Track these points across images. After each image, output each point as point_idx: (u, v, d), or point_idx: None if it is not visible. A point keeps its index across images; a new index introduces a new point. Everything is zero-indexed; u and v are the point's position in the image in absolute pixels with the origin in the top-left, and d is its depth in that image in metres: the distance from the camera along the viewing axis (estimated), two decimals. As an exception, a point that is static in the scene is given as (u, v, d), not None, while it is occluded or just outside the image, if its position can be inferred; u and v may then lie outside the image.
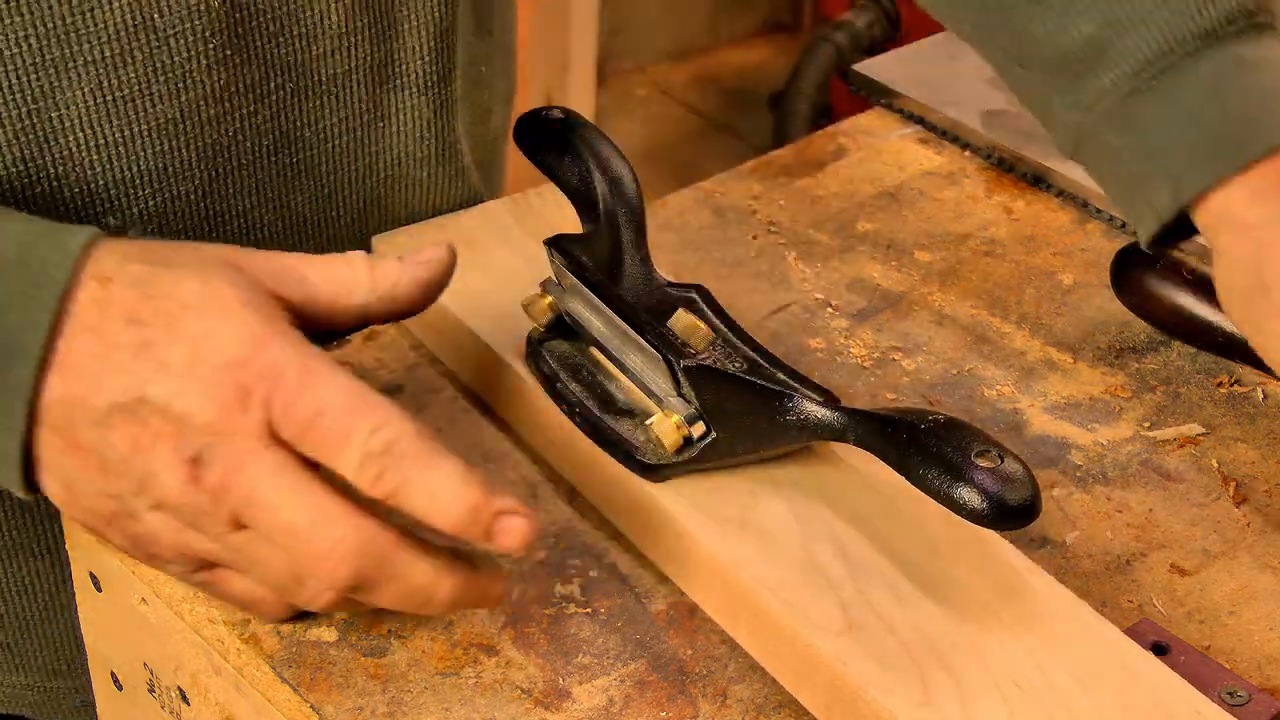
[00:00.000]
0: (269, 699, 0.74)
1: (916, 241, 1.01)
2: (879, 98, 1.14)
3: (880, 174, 1.07)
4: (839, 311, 0.96)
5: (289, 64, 0.87)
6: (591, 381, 0.81)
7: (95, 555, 0.81)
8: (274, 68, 0.87)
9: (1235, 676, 0.74)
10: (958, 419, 0.72)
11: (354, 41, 0.89)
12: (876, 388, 0.90)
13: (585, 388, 0.81)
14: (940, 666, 0.70)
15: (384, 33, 0.91)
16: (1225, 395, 0.91)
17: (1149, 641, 0.75)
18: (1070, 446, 0.87)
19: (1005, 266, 1.00)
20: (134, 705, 0.85)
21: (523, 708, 0.72)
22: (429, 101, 0.94)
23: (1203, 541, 0.83)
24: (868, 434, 0.74)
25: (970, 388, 0.91)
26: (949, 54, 1.16)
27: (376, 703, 0.72)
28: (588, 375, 0.82)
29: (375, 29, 0.90)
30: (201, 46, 0.83)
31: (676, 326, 0.79)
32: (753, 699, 0.73)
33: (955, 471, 0.69)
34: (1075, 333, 0.95)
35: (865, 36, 2.60)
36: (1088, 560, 0.81)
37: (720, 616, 0.76)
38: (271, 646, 0.74)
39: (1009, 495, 0.69)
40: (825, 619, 0.72)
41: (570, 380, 0.81)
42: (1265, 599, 0.80)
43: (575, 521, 0.81)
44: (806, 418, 0.76)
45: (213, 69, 0.84)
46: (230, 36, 0.84)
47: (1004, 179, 1.07)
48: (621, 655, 0.75)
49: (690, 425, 0.77)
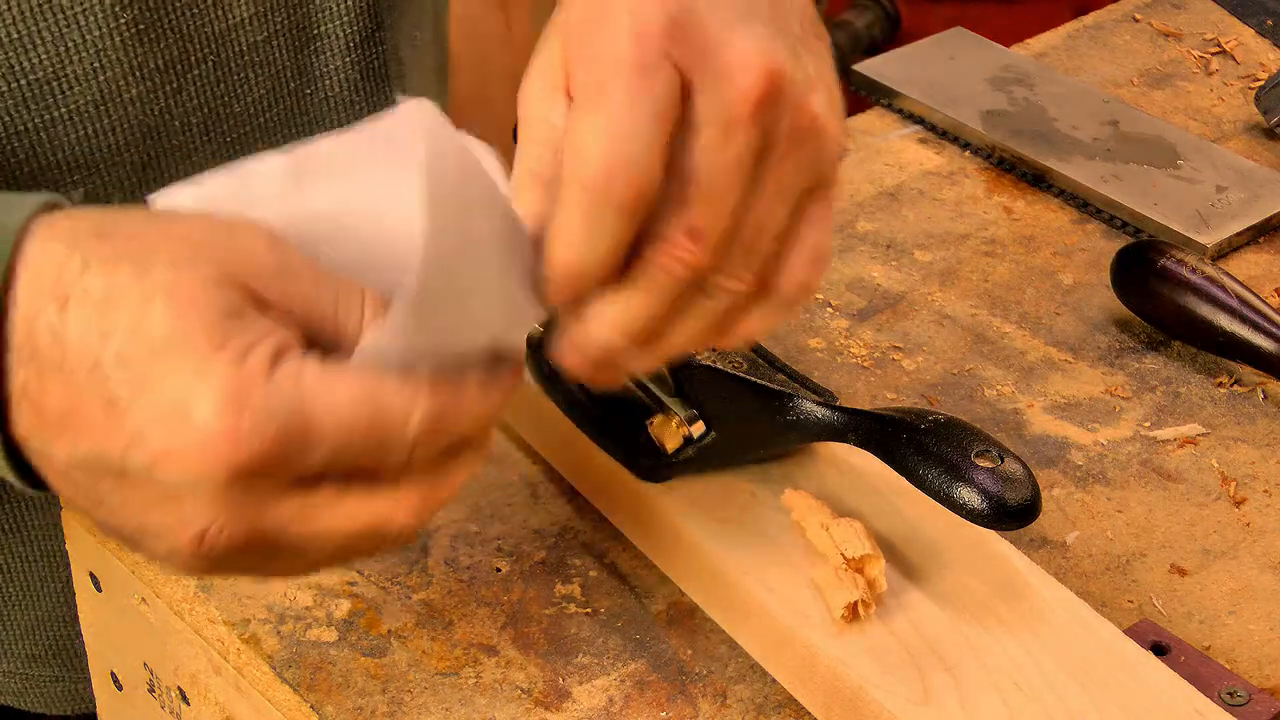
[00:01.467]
0: (269, 699, 0.74)
1: (916, 241, 1.01)
2: (879, 98, 1.14)
3: (880, 174, 1.07)
4: (839, 311, 0.96)
5: (207, 35, 0.85)
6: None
7: (95, 555, 0.81)
8: (192, 41, 0.84)
9: (1235, 676, 0.74)
10: (958, 419, 0.72)
11: (270, 4, 0.86)
12: (876, 388, 0.90)
13: (585, 388, 0.81)
14: (940, 666, 0.70)
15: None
16: (1225, 395, 0.91)
17: (1149, 641, 0.75)
18: (1070, 446, 0.87)
19: (1005, 266, 1.00)
20: (134, 705, 0.85)
21: (523, 708, 0.72)
22: (355, 63, 0.91)
23: (1203, 541, 0.83)
24: (868, 434, 0.74)
25: (970, 388, 0.91)
26: (949, 54, 1.16)
27: (376, 703, 0.72)
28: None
29: None
30: (113, 23, 0.80)
31: None
32: (753, 699, 0.73)
33: (955, 471, 0.69)
34: (1075, 333, 0.95)
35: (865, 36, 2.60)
36: (1088, 560, 0.81)
37: (720, 616, 0.76)
38: (271, 646, 0.74)
39: (1009, 495, 0.69)
40: (825, 619, 0.72)
41: (570, 381, 0.81)
42: (1265, 599, 0.80)
43: (575, 521, 0.81)
44: (807, 418, 0.76)
45: (128, 45, 0.81)
46: (142, 11, 0.81)
47: (1004, 179, 1.07)
48: (621, 655, 0.75)
49: (690, 425, 0.77)
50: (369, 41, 0.91)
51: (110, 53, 0.81)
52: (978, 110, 1.10)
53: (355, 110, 0.93)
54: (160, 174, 0.85)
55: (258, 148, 0.85)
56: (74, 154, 0.82)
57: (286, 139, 0.89)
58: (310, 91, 0.91)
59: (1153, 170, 1.05)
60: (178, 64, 0.84)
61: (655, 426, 0.77)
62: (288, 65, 0.89)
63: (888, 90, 1.13)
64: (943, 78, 1.13)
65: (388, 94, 0.94)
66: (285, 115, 0.90)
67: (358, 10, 0.90)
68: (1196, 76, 1.17)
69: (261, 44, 0.87)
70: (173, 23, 0.83)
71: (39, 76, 0.79)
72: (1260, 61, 1.18)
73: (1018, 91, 1.12)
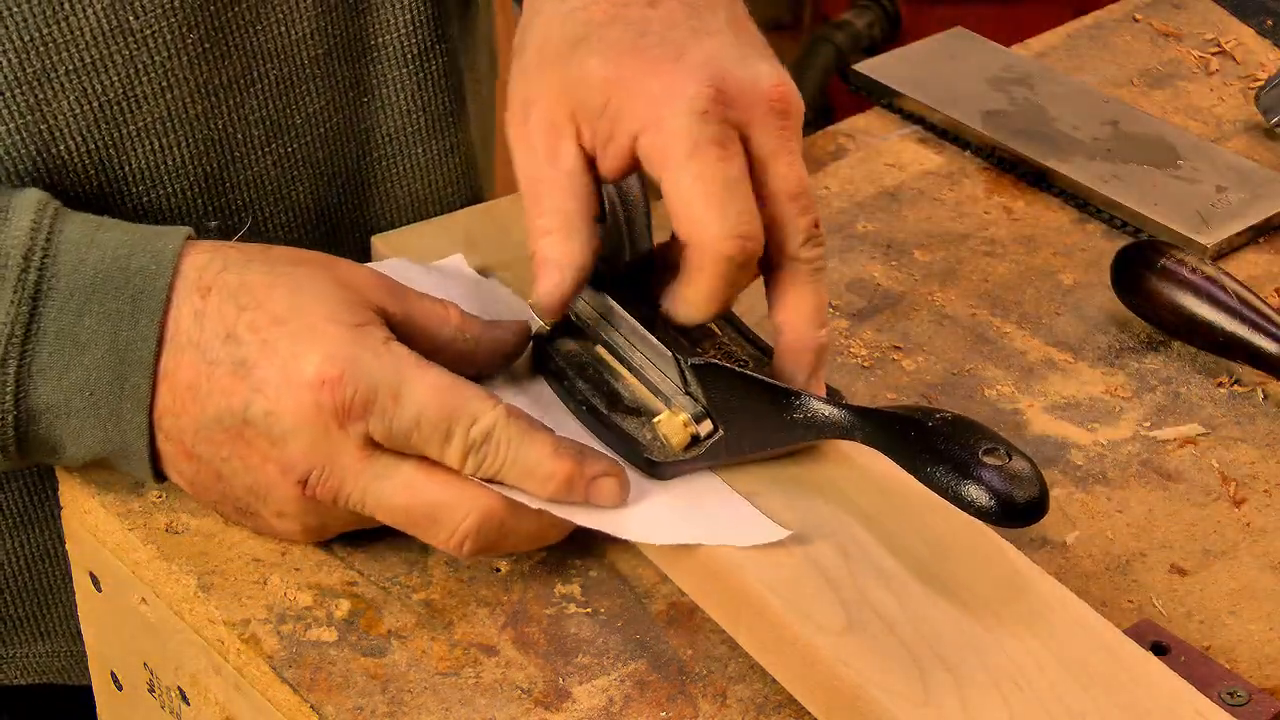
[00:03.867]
0: (269, 699, 0.74)
1: (916, 241, 1.01)
2: (879, 98, 1.14)
3: (880, 174, 1.07)
4: (839, 311, 0.96)
5: (269, 51, 0.88)
6: (598, 379, 0.81)
7: (95, 555, 0.81)
8: (256, 57, 0.87)
9: (1235, 676, 0.74)
10: (965, 417, 0.72)
11: (330, 20, 0.90)
12: (877, 388, 0.90)
13: (592, 386, 0.81)
14: (940, 666, 0.70)
15: (357, 6, 0.91)
16: (1225, 395, 0.91)
17: (1149, 641, 0.75)
18: (1070, 446, 0.87)
19: (1005, 266, 1.00)
20: (134, 705, 0.85)
21: (523, 708, 0.72)
22: (411, 74, 0.94)
23: (1203, 541, 0.83)
24: (875, 432, 0.74)
25: (970, 388, 0.91)
26: (949, 54, 1.16)
27: (376, 703, 0.72)
28: (595, 373, 0.82)
29: (348, 4, 0.91)
30: (180, 44, 0.84)
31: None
32: (753, 699, 0.73)
33: (963, 469, 0.69)
34: (1075, 333, 0.95)
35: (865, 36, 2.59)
36: (1088, 560, 0.81)
37: (720, 616, 0.76)
38: (271, 646, 0.74)
39: (1016, 493, 0.69)
40: (825, 619, 0.72)
41: (577, 378, 0.81)
42: (1265, 599, 0.80)
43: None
44: (814, 416, 0.76)
45: (195, 65, 0.85)
46: (208, 30, 0.84)
47: (1004, 179, 1.07)
48: (621, 655, 0.75)
49: (697, 423, 0.77)
50: (429, 53, 0.95)
51: (177, 72, 0.84)
52: (978, 110, 1.10)
53: (413, 118, 0.96)
54: (224, 185, 0.89)
55: (319, 157, 0.89)
56: (142, 168, 0.85)
57: (346, 147, 0.94)
58: (367, 100, 0.94)
59: (1153, 170, 1.05)
60: (240, 79, 0.88)
61: (662, 423, 0.77)
62: (345, 77, 0.92)
63: (888, 90, 1.13)
64: (943, 78, 1.13)
65: (446, 103, 0.97)
66: (344, 124, 0.94)
67: (417, 23, 0.94)
68: (1196, 76, 1.17)
69: (321, 57, 0.91)
70: (236, 41, 0.86)
71: (110, 97, 0.83)
72: (1260, 61, 1.18)
73: (1018, 91, 1.12)
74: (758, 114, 0.76)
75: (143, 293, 0.75)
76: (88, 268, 0.75)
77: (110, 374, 0.75)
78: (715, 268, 0.74)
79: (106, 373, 0.75)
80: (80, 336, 0.74)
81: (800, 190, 0.76)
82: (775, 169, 0.76)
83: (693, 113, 0.74)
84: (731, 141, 0.75)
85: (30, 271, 0.74)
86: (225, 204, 0.89)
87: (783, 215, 0.76)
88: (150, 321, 0.74)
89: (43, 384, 0.75)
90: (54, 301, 0.75)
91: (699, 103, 0.74)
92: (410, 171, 0.97)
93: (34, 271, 0.75)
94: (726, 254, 0.74)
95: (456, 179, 0.99)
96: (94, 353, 0.75)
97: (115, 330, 0.74)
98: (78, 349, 0.74)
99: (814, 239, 0.77)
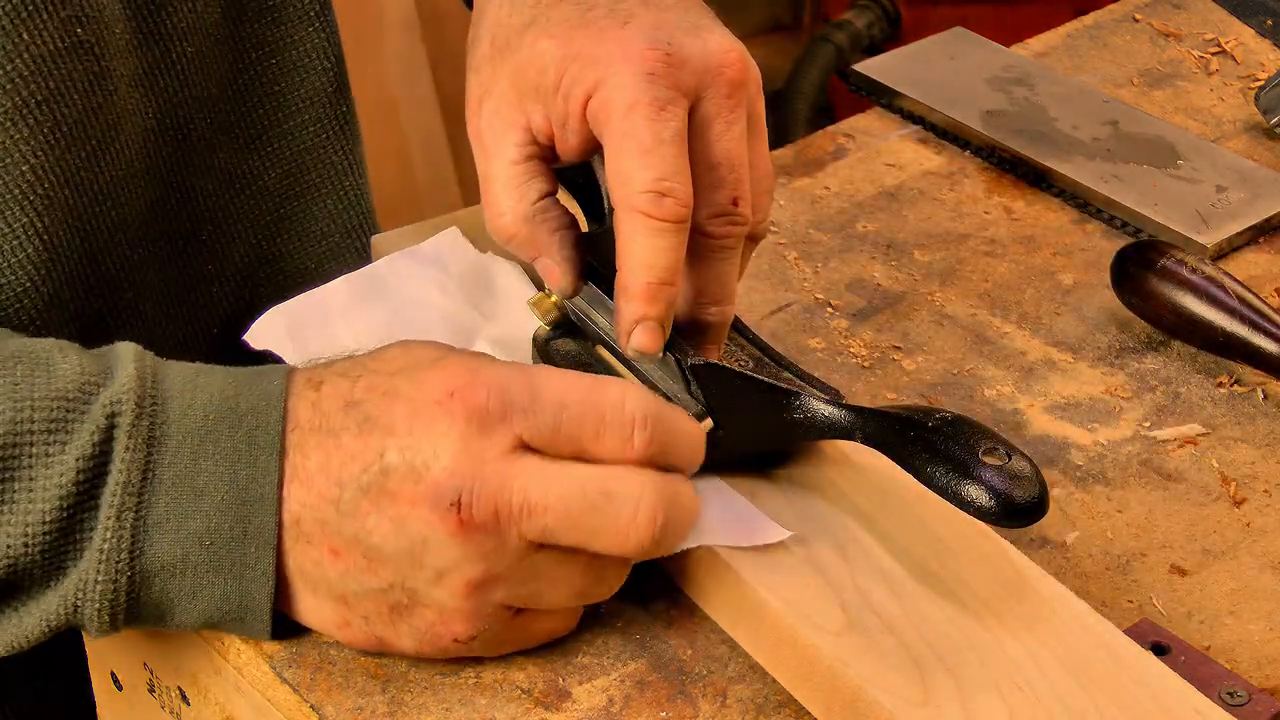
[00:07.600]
0: (269, 699, 0.74)
1: (916, 241, 1.01)
2: (879, 98, 1.14)
3: (880, 174, 1.07)
4: (839, 311, 0.96)
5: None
6: None
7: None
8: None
9: (1235, 676, 0.74)
10: (965, 417, 0.72)
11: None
12: (876, 388, 0.90)
13: None
14: (940, 666, 0.70)
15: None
16: (1225, 395, 0.91)
17: (1149, 641, 0.75)
18: (1070, 446, 0.87)
19: (1005, 266, 1.00)
20: (134, 705, 0.85)
21: (523, 708, 0.72)
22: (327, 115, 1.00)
23: (1203, 541, 0.83)
24: (875, 432, 0.74)
25: (970, 388, 0.91)
26: (949, 54, 1.16)
27: (376, 703, 0.72)
28: (595, 373, 0.81)
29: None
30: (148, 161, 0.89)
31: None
32: (753, 699, 0.73)
33: (963, 469, 0.69)
34: (1075, 333, 0.95)
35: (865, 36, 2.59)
36: (1088, 560, 0.81)
37: (720, 616, 0.76)
38: (271, 646, 0.74)
39: (1016, 493, 0.69)
40: (825, 619, 0.72)
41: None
42: (1265, 599, 0.80)
43: (575, 521, 0.81)
44: (814, 416, 0.76)
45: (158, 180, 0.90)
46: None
47: (1004, 179, 1.07)
48: (621, 655, 0.75)
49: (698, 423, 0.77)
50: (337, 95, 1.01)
51: (155, 172, 0.91)
52: (978, 110, 1.10)
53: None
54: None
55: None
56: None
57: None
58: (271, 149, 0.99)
59: (1153, 170, 1.05)
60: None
61: None
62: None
63: (888, 90, 1.13)
64: (943, 78, 1.13)
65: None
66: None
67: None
68: (1196, 76, 1.17)
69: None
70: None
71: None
72: (1260, 61, 1.18)
73: (1018, 91, 1.12)
74: (707, 79, 0.74)
75: (257, 429, 0.71)
76: (196, 412, 0.71)
77: (232, 517, 0.70)
78: (633, 223, 0.72)
79: (228, 517, 0.70)
80: (198, 481, 0.70)
81: (723, 161, 0.74)
82: (708, 136, 0.74)
83: (639, 73, 0.73)
84: (673, 104, 0.73)
85: (143, 418, 0.70)
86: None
87: (699, 183, 0.74)
88: (269, 456, 0.70)
89: (159, 538, 0.70)
90: (168, 448, 0.71)
91: (646, 64, 0.73)
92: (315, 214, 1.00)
93: (146, 418, 0.70)
94: (640, 208, 0.71)
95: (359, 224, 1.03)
96: (213, 497, 0.70)
97: (234, 470, 0.70)
98: (195, 495, 0.70)
99: (727, 215, 0.75)
